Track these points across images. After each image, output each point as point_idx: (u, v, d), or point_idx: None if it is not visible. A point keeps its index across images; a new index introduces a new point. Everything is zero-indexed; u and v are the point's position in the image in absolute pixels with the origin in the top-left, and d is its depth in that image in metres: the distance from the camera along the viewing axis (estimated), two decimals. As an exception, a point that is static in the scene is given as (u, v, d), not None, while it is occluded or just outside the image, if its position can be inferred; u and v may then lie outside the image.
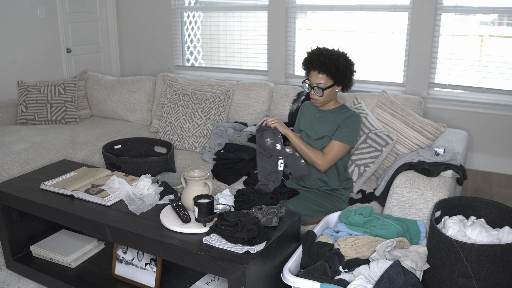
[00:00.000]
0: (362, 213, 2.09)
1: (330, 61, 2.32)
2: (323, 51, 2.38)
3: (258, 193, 2.07)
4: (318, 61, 2.34)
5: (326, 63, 2.32)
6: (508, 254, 1.73)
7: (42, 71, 4.41)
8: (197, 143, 3.15)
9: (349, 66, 2.38)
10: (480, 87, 3.80)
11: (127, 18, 5.18)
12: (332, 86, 2.37)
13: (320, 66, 2.34)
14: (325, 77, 2.35)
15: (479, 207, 2.10)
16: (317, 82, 2.36)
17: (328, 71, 2.33)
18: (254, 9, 4.52)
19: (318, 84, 2.36)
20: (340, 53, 2.39)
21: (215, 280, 2.13)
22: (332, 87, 2.38)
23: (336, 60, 2.33)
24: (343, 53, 2.41)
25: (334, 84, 2.37)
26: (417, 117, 2.62)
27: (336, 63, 2.32)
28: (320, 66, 2.34)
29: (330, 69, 2.32)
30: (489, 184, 3.63)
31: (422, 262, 1.80)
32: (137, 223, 1.96)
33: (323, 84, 2.35)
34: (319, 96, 2.38)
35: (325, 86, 2.36)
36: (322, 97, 2.38)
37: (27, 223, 2.48)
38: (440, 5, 3.75)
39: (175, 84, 3.45)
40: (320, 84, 2.36)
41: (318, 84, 2.36)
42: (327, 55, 2.34)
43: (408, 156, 2.41)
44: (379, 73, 4.14)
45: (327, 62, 2.32)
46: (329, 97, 2.41)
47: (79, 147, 3.32)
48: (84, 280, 2.25)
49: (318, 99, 2.40)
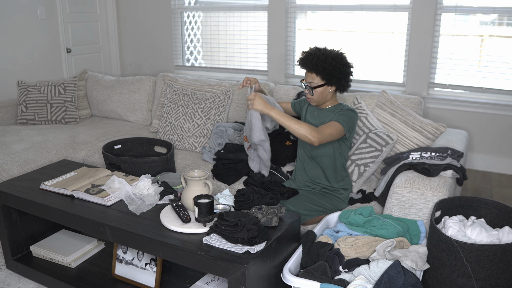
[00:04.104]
0: (362, 213, 2.09)
1: (318, 60, 2.35)
2: (315, 50, 2.41)
3: (258, 193, 2.07)
4: (307, 60, 2.39)
5: (314, 62, 2.36)
6: (508, 254, 1.73)
7: (42, 71, 4.41)
8: (197, 143, 3.15)
9: (339, 66, 2.35)
10: (480, 87, 3.80)
11: (127, 18, 5.18)
12: (323, 85, 2.38)
13: (308, 65, 2.38)
14: (315, 76, 2.38)
15: (479, 207, 2.10)
16: (309, 81, 2.40)
17: (316, 70, 2.36)
18: (254, 9, 4.52)
19: (310, 83, 2.39)
20: (334, 54, 2.37)
21: (215, 280, 2.13)
22: (323, 87, 2.39)
23: (324, 60, 2.34)
24: (338, 54, 2.39)
25: (325, 84, 2.38)
26: (417, 117, 2.62)
27: (324, 63, 2.34)
28: (308, 65, 2.38)
29: (318, 68, 2.35)
30: (489, 184, 3.63)
31: (422, 262, 1.80)
32: (137, 223, 1.96)
33: (314, 83, 2.39)
34: (309, 94, 2.41)
35: (315, 85, 2.38)
36: (314, 96, 2.40)
37: (27, 223, 2.48)
38: (440, 5, 3.75)
39: (175, 84, 3.45)
40: (311, 83, 2.39)
41: (310, 83, 2.40)
42: (317, 55, 2.36)
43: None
44: (379, 73, 4.14)
45: (315, 61, 2.35)
46: (321, 96, 2.41)
47: (79, 147, 3.32)
48: (84, 280, 2.25)
49: (311, 98, 2.42)
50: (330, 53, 2.37)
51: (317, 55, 2.35)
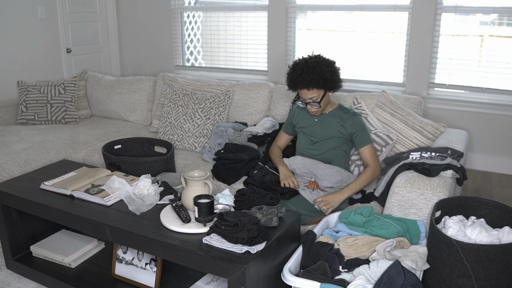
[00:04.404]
0: (362, 213, 2.09)
1: (314, 75, 2.29)
2: (303, 66, 2.33)
3: (258, 193, 2.07)
4: (303, 80, 2.31)
5: (312, 79, 2.30)
6: (508, 254, 1.73)
7: (42, 71, 4.41)
8: (197, 143, 3.15)
9: (333, 69, 2.35)
10: (480, 87, 3.80)
11: (127, 18, 5.18)
12: (325, 94, 2.39)
13: (307, 84, 2.31)
14: (315, 90, 2.34)
15: (479, 207, 2.10)
16: (310, 97, 2.36)
17: (316, 84, 2.31)
18: (254, 9, 4.52)
19: (312, 99, 2.36)
20: (321, 60, 2.35)
21: (215, 280, 2.13)
22: (326, 95, 2.40)
23: (320, 71, 2.30)
24: (322, 59, 2.36)
25: (325, 91, 2.39)
26: (417, 117, 2.62)
27: (321, 74, 2.30)
28: (307, 84, 2.31)
29: (318, 82, 2.31)
30: (489, 184, 3.63)
31: (422, 262, 1.80)
32: (137, 223, 1.96)
33: (317, 97, 2.36)
34: (317, 108, 2.39)
35: (318, 98, 2.36)
36: (320, 108, 2.40)
37: (27, 223, 2.48)
38: (440, 5, 3.75)
39: (175, 84, 3.45)
40: (313, 98, 2.36)
41: (311, 98, 2.36)
42: (310, 70, 2.30)
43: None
44: (379, 73, 4.14)
45: (312, 77, 2.30)
46: (325, 103, 2.44)
47: (79, 147, 3.32)
48: (84, 280, 2.25)
49: (317, 111, 2.42)
50: (318, 62, 2.33)
51: (309, 71, 2.30)
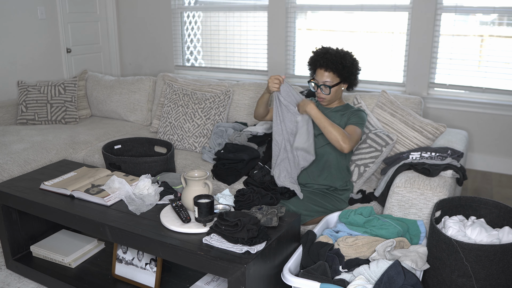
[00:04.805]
0: (362, 213, 2.09)
1: (336, 58, 2.34)
2: (329, 49, 2.40)
3: (258, 193, 2.07)
4: (324, 59, 2.35)
5: (333, 60, 2.33)
6: (508, 254, 1.73)
7: (42, 71, 4.41)
8: (197, 143, 3.15)
9: (355, 63, 2.41)
10: (480, 87, 3.80)
11: (127, 18, 5.18)
12: (339, 84, 2.38)
13: (327, 63, 2.34)
14: (331, 75, 2.36)
15: (479, 207, 2.10)
16: (324, 80, 2.37)
17: (335, 68, 2.34)
18: (254, 9, 4.52)
19: (325, 82, 2.37)
20: (346, 52, 2.42)
21: (215, 280, 2.13)
22: (339, 85, 2.39)
23: (343, 57, 2.35)
24: (348, 52, 2.43)
25: (340, 82, 2.38)
26: (417, 117, 2.62)
27: (342, 60, 2.34)
28: (327, 63, 2.34)
29: (337, 66, 2.34)
30: (489, 184, 3.63)
31: (422, 262, 1.80)
32: (137, 223, 1.96)
33: (330, 82, 2.36)
34: (326, 94, 2.38)
35: (331, 83, 2.36)
36: (329, 95, 2.39)
37: (27, 223, 2.48)
38: (440, 5, 3.75)
39: (175, 84, 3.45)
40: (326, 82, 2.36)
41: (324, 82, 2.37)
42: (333, 53, 2.36)
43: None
44: (379, 73, 4.14)
45: (334, 59, 2.33)
46: (336, 95, 2.42)
47: (79, 147, 3.32)
48: (84, 280, 2.25)
49: (325, 98, 2.40)
50: (344, 51, 2.39)
51: (333, 54, 2.35)
